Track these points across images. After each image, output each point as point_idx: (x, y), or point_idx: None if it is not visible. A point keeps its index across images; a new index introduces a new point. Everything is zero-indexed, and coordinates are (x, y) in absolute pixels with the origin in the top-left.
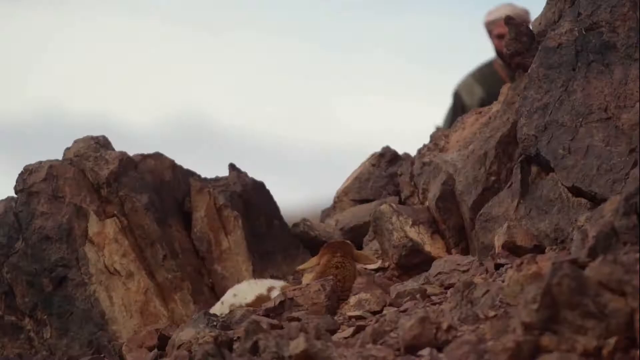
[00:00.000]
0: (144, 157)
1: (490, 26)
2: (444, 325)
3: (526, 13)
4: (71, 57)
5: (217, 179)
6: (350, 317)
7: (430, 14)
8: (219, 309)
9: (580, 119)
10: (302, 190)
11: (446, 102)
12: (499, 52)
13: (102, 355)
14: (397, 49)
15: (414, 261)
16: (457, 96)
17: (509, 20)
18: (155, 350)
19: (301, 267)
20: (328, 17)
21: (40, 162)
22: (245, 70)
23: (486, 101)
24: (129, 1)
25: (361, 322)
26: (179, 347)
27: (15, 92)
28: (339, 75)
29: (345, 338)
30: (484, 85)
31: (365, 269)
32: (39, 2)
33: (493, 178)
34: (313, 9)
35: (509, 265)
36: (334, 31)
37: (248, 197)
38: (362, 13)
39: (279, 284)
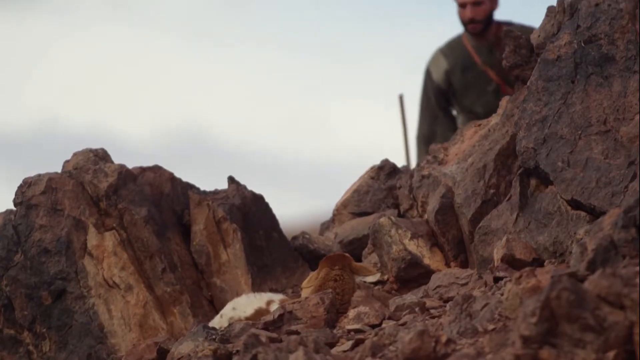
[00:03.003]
0: (143, 169)
1: None
2: (443, 339)
3: None
4: (69, 68)
5: (216, 192)
6: (349, 331)
7: (431, 23)
8: (218, 322)
9: (579, 132)
10: (301, 203)
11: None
12: (461, 20)
13: None
14: (398, 62)
15: (413, 274)
16: (427, 73)
17: (508, 33)
18: None
19: (303, 284)
20: (328, 28)
21: (39, 175)
22: (245, 83)
23: (450, 73)
24: (128, 12)
25: (360, 336)
26: None
27: (14, 104)
28: (339, 87)
29: (344, 351)
30: (449, 57)
31: (364, 282)
32: (36, 12)
33: (492, 191)
34: (313, 20)
35: (508, 279)
36: (335, 43)
37: (247, 210)
38: (364, 24)
39: (278, 297)
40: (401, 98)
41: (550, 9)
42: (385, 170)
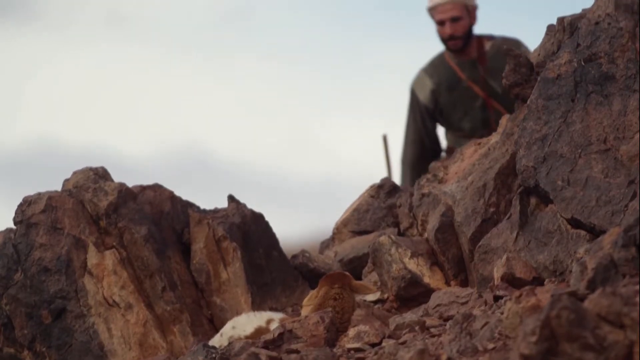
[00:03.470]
0: (143, 188)
1: (431, 12)
2: (443, 358)
3: None
4: (69, 86)
5: (216, 210)
6: (349, 349)
7: (430, 40)
8: (217, 340)
9: (579, 150)
10: (301, 222)
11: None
12: (441, 38)
13: None
14: (400, 77)
15: (413, 293)
16: (412, 93)
17: (508, 51)
18: None
19: (304, 302)
20: (329, 44)
21: (39, 194)
22: (245, 99)
23: (437, 92)
24: (126, 28)
25: (360, 355)
26: None
27: (12, 122)
28: (341, 105)
29: None
30: (433, 77)
31: (364, 300)
32: (32, 29)
33: (492, 209)
34: (314, 36)
35: (508, 297)
36: (337, 59)
37: (247, 229)
38: (365, 40)
39: (277, 315)
40: (385, 138)
41: (550, 28)
42: (385, 189)
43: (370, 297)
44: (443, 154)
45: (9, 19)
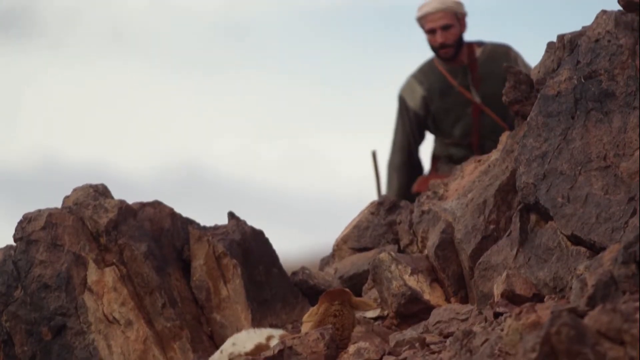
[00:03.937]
0: (143, 205)
1: (421, 21)
2: None
3: (457, 4)
4: (68, 102)
5: (216, 227)
6: None
7: (425, 52)
8: (217, 357)
9: (579, 167)
10: (301, 239)
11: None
12: (432, 47)
13: None
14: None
15: (413, 310)
16: (401, 100)
17: (508, 68)
18: None
19: (304, 318)
20: (329, 61)
21: (40, 210)
22: (245, 116)
23: (428, 99)
24: (125, 45)
25: None
26: None
27: (12, 140)
28: (341, 121)
29: None
30: (423, 83)
31: (364, 317)
32: (30, 47)
33: (492, 226)
34: (314, 53)
35: (508, 314)
36: (336, 75)
37: (247, 246)
38: (364, 57)
39: (278, 332)
40: (374, 154)
41: (550, 45)
42: (385, 206)
43: (370, 314)
44: (427, 169)
45: (9, 34)
